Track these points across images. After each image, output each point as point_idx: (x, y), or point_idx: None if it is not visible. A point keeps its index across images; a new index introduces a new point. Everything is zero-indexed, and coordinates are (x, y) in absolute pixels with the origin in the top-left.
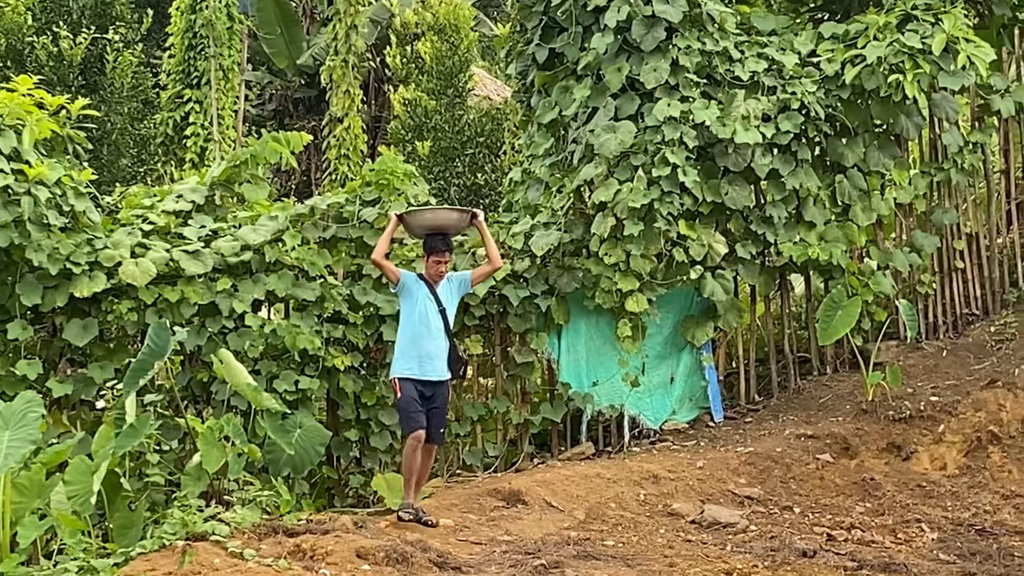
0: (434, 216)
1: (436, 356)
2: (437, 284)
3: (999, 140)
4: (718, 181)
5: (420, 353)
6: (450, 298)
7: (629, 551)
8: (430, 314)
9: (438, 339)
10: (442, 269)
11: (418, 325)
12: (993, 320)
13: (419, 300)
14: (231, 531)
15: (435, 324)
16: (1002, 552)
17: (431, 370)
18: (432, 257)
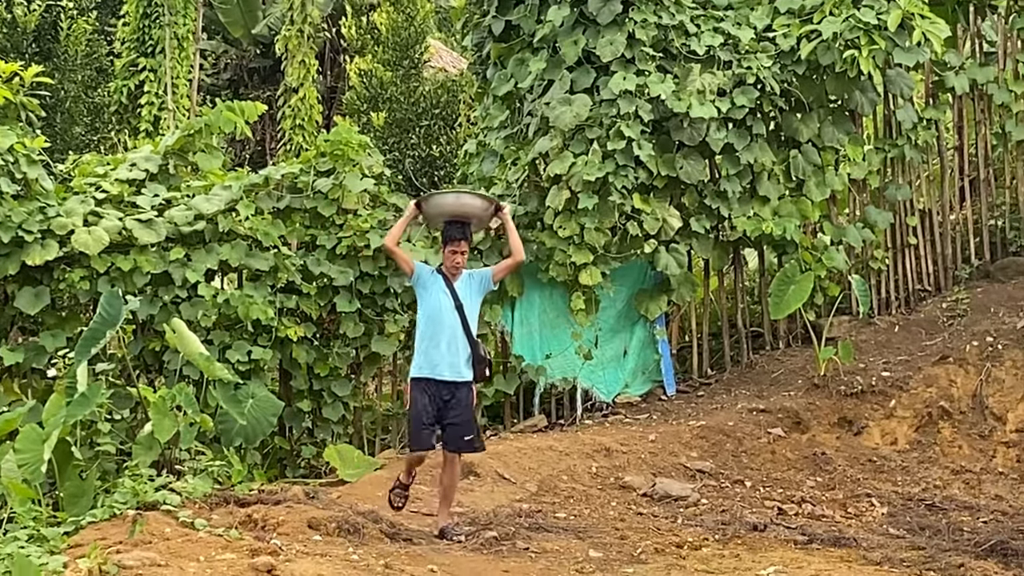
0: (457, 201)
1: (452, 355)
2: (455, 278)
3: (953, 117)
4: (673, 155)
5: (434, 352)
6: (469, 295)
7: (581, 523)
8: (444, 310)
9: (454, 338)
10: (459, 260)
11: (434, 323)
12: (945, 296)
13: (433, 295)
14: (182, 501)
15: (450, 321)
16: (951, 527)
17: (446, 370)
18: (448, 246)
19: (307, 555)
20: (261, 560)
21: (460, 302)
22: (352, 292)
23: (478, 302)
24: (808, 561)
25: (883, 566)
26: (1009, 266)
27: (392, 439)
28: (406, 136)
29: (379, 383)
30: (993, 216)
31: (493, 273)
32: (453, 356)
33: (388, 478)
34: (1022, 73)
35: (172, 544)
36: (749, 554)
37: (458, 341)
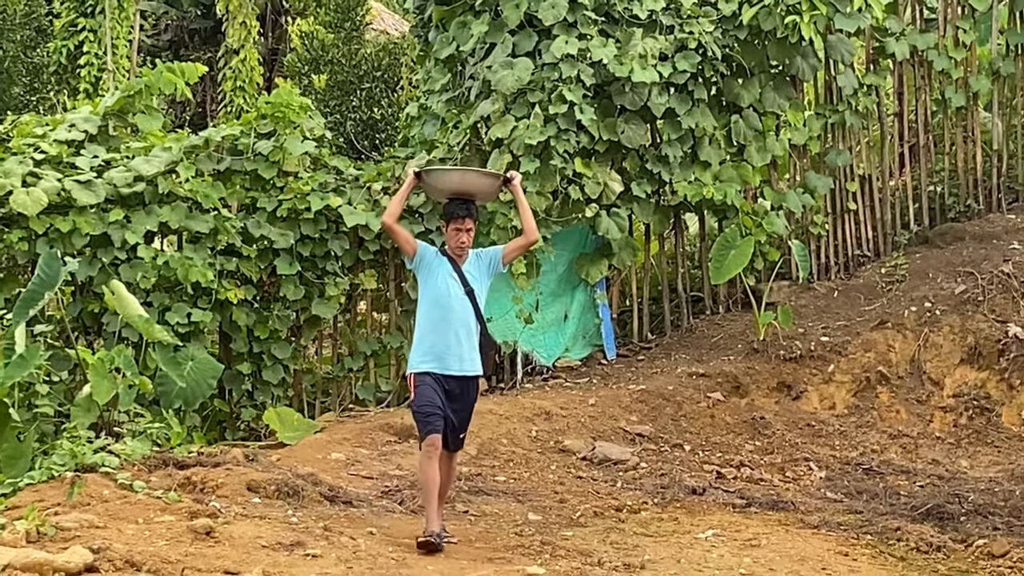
0: (462, 180)
1: (461, 347)
2: (461, 260)
3: (893, 83)
4: (614, 119)
5: (441, 343)
6: (479, 277)
7: (520, 487)
8: (452, 296)
9: (463, 327)
10: (463, 240)
11: (438, 309)
12: (884, 262)
13: (439, 279)
14: (121, 463)
15: (459, 309)
16: (888, 491)
17: (455, 363)
18: (452, 224)
19: (246, 517)
20: (200, 522)
21: (470, 286)
22: (292, 255)
23: (487, 285)
24: (746, 525)
25: (820, 530)
26: (947, 232)
27: (332, 402)
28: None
29: (319, 346)
30: (932, 182)
31: (504, 253)
32: (462, 348)
33: (328, 440)
34: (962, 40)
35: (110, 506)
36: (688, 517)
37: (469, 331)
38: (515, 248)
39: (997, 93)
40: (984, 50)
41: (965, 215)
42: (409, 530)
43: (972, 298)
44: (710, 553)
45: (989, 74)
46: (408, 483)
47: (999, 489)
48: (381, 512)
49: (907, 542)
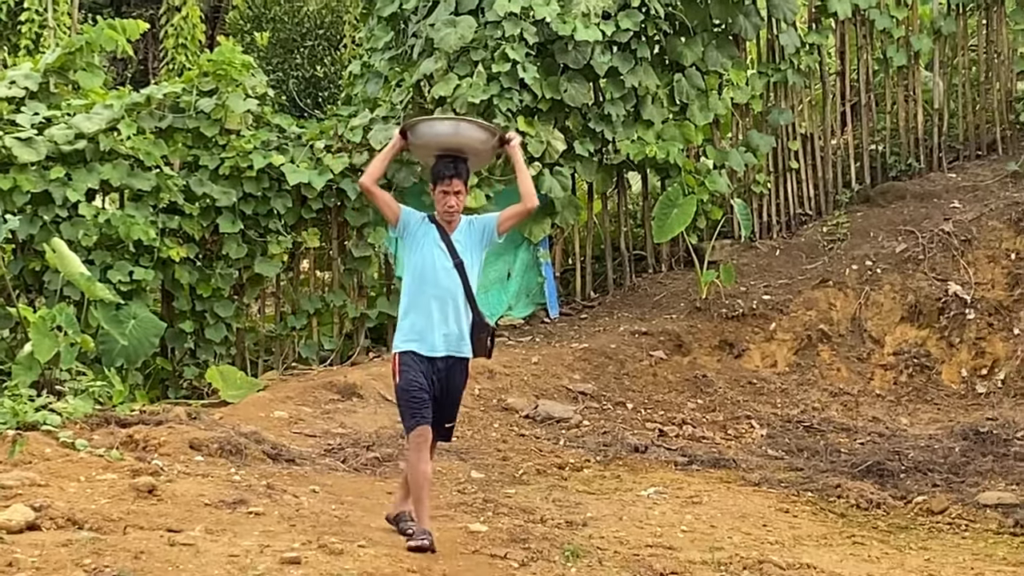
0: (453, 131)
1: (448, 326)
2: (451, 227)
3: (835, 42)
4: (557, 78)
5: (426, 322)
6: (470, 247)
7: (463, 445)
8: (439, 268)
9: (450, 303)
10: (452, 203)
11: (423, 284)
12: (826, 220)
13: (425, 248)
14: (63, 421)
15: (446, 282)
16: (828, 448)
17: (440, 344)
18: (439, 186)
19: (188, 475)
20: (142, 480)
21: (460, 258)
22: (235, 213)
23: (481, 257)
24: (688, 482)
25: (761, 487)
26: (889, 190)
27: (274, 360)
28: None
29: (262, 304)
30: (874, 141)
31: (499, 222)
32: (449, 327)
33: (270, 399)
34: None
35: (52, 464)
36: (630, 475)
37: (457, 308)
38: (512, 215)
39: (938, 52)
40: (925, 9)
41: (906, 174)
42: (352, 488)
43: (913, 257)
44: (652, 510)
45: (931, 33)
46: (351, 441)
47: (938, 446)
48: (324, 470)
49: (847, 499)
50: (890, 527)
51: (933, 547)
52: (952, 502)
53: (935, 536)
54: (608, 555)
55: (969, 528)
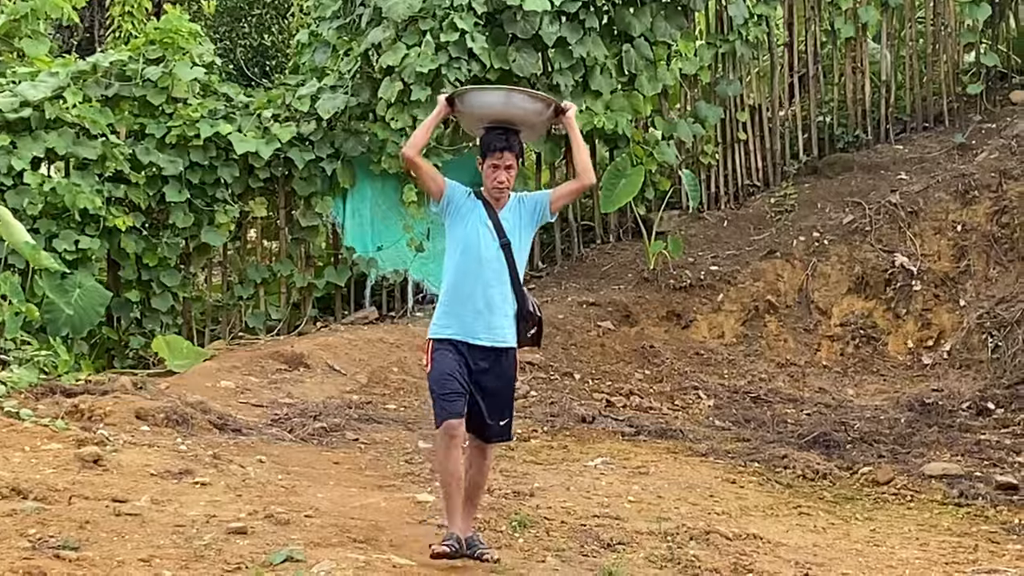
0: (506, 102)
1: (492, 311)
2: (499, 204)
3: (783, 13)
4: (506, 48)
5: (468, 307)
6: (519, 226)
7: (410, 415)
8: (483, 248)
9: (496, 285)
10: (503, 179)
11: (466, 264)
12: (773, 191)
13: (470, 226)
14: (7, 391)
15: (491, 262)
16: (775, 419)
17: (483, 331)
18: (489, 159)
19: (135, 445)
20: (87, 450)
21: (507, 238)
22: (182, 182)
23: (530, 237)
24: (635, 452)
25: (708, 457)
26: (836, 162)
27: (221, 330)
28: (237, 25)
29: (209, 274)
30: (821, 113)
31: (552, 199)
32: (493, 313)
33: (217, 368)
34: None
35: None
36: (577, 446)
37: (503, 293)
38: (567, 192)
39: (886, 24)
40: None
41: (854, 145)
42: (299, 458)
43: (860, 228)
44: (599, 481)
45: (878, 5)
46: (298, 411)
47: (884, 417)
48: (271, 440)
49: (793, 470)
50: (836, 498)
51: (879, 517)
52: (898, 473)
53: (881, 507)
54: (555, 525)
55: (914, 499)
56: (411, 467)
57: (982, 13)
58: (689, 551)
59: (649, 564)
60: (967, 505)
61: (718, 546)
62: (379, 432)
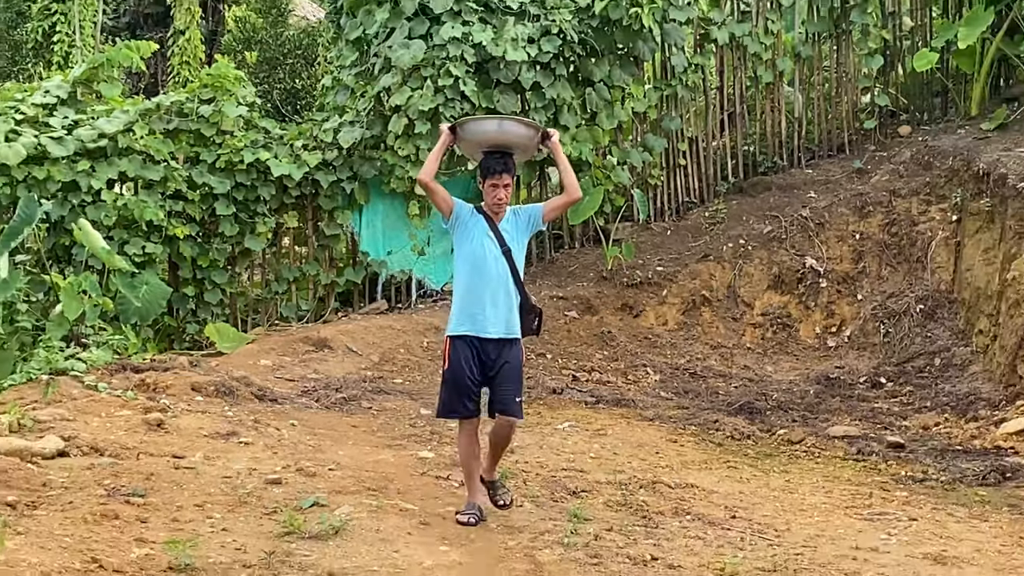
0: (499, 129)
1: (498, 309)
2: (498, 218)
3: (716, 63)
4: (491, 91)
5: (478, 306)
6: (516, 236)
7: (414, 387)
8: (488, 256)
9: (500, 288)
10: (501, 196)
11: (474, 270)
12: (707, 207)
13: (475, 238)
14: (87, 368)
15: (495, 269)
16: (709, 391)
17: (491, 325)
18: (488, 180)
19: (190, 412)
20: (152, 416)
21: (507, 246)
22: (229, 199)
23: (526, 242)
24: (596, 417)
25: (655, 422)
26: (758, 183)
27: (261, 319)
28: (274, 72)
29: (251, 273)
30: (746, 143)
31: (544, 211)
32: (501, 310)
33: (258, 350)
34: (771, 28)
35: (79, 403)
36: (549, 412)
37: (507, 292)
38: (557, 206)
39: (798, 72)
40: (788, 37)
41: (772, 170)
42: (323, 422)
43: (777, 236)
44: (567, 440)
45: (792, 56)
46: (323, 385)
47: (797, 389)
48: (301, 408)
49: (724, 431)
50: (758, 454)
51: (792, 470)
52: (807, 434)
53: (794, 461)
54: (531, 476)
55: (821, 455)
56: (414, 430)
57: (876, 63)
58: (639, 497)
59: (607, 508)
60: (863, 460)
61: (663, 493)
62: (388, 401)
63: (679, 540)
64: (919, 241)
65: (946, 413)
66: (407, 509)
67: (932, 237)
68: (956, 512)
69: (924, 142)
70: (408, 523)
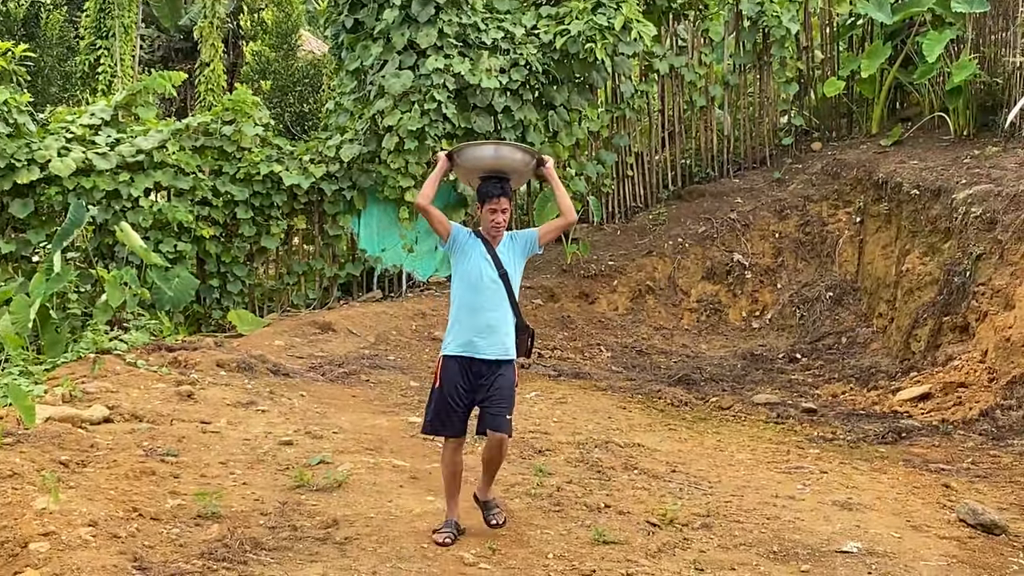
0: (495, 155)
1: (493, 331)
2: (496, 241)
3: (658, 89)
4: (469, 113)
5: (472, 327)
6: (513, 260)
7: (404, 363)
8: (485, 278)
9: (496, 310)
10: (499, 220)
11: (470, 292)
12: (651, 211)
13: (472, 260)
14: (128, 347)
15: (492, 292)
16: (652, 365)
17: (486, 347)
18: (487, 205)
19: (216, 384)
20: (183, 388)
21: (504, 269)
22: (247, 204)
23: (522, 267)
24: (558, 388)
25: (607, 392)
26: (694, 191)
27: (275, 306)
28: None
29: (266, 267)
30: (683, 157)
31: (540, 235)
32: (496, 332)
33: (272, 332)
34: (704, 60)
35: (121, 377)
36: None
37: (503, 314)
38: (552, 229)
39: (727, 97)
40: (719, 67)
41: (705, 180)
42: (328, 393)
43: (709, 235)
44: (534, 407)
45: (722, 84)
46: (327, 361)
47: (726, 364)
48: (309, 381)
49: (665, 399)
50: (694, 418)
51: (723, 431)
52: (735, 401)
53: (724, 424)
54: None
55: (747, 419)
56: (405, 399)
57: (792, 89)
58: (594, 455)
59: (567, 463)
60: (782, 423)
61: (614, 451)
62: (383, 375)
63: (628, 491)
64: (828, 239)
65: (851, 383)
66: (399, 466)
67: (839, 236)
68: (860, 466)
69: (833, 156)
70: (400, 477)
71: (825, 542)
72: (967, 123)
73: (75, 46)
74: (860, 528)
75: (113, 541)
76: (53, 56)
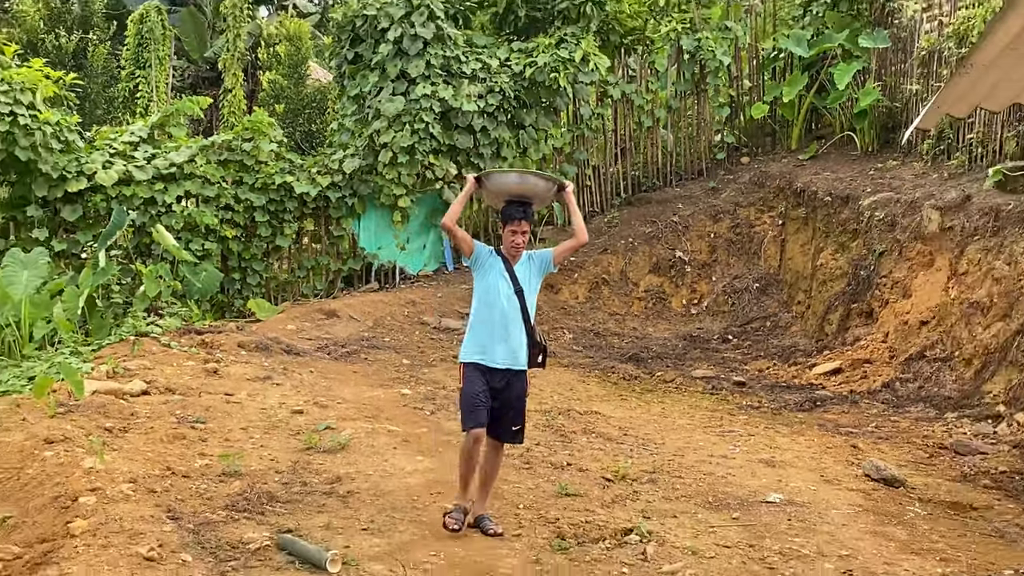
0: (520, 181)
1: (508, 342)
2: (514, 260)
3: (612, 112)
4: (452, 132)
5: (488, 338)
6: (529, 278)
7: (398, 344)
8: (502, 294)
9: (511, 324)
10: (519, 241)
11: (488, 307)
12: (606, 215)
13: (491, 277)
14: (163, 331)
15: (508, 307)
16: (607, 345)
17: (501, 357)
18: (509, 226)
19: (238, 362)
20: (210, 366)
21: (520, 286)
22: (264, 210)
23: (537, 285)
24: None
25: (570, 368)
26: (642, 198)
27: (288, 296)
28: (296, 119)
29: (280, 263)
30: (633, 169)
31: (554, 255)
32: (510, 343)
33: (285, 318)
34: (650, 87)
35: (157, 357)
36: None
37: (517, 328)
38: (566, 249)
39: (670, 119)
40: (663, 94)
41: (652, 189)
42: (334, 369)
43: (655, 235)
44: None
45: (666, 108)
46: (332, 342)
47: (670, 344)
48: (317, 359)
49: (618, 374)
50: (643, 390)
51: (667, 401)
52: (677, 375)
53: (668, 395)
54: None
55: (687, 390)
56: (399, 374)
57: (725, 112)
58: (558, 421)
59: (535, 428)
60: (716, 394)
61: (575, 418)
62: (380, 354)
63: (587, 451)
64: (755, 239)
65: (774, 360)
66: (393, 431)
67: (764, 236)
68: (781, 430)
69: (759, 168)
70: (394, 441)
71: (752, 494)
72: (871, 141)
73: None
74: (781, 482)
75: (150, 495)
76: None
